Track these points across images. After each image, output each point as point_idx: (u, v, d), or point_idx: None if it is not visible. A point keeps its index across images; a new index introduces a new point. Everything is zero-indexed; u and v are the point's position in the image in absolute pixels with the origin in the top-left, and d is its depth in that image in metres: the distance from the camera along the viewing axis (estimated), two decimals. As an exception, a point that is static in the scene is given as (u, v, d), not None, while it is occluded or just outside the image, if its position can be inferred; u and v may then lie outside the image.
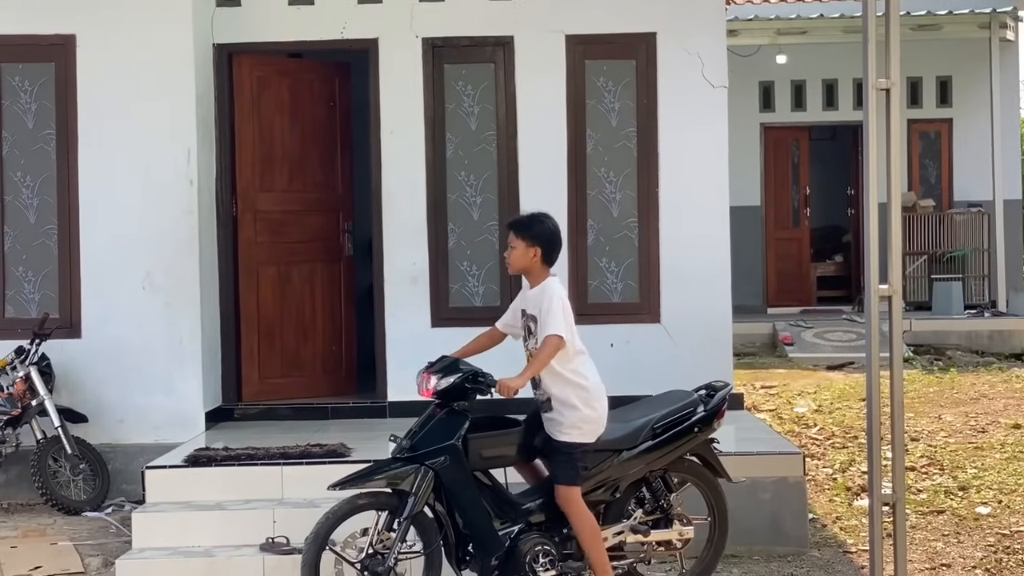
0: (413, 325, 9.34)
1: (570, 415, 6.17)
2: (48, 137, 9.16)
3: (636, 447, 6.38)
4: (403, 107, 9.36)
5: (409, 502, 6.02)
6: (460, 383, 6.15)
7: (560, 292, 6.26)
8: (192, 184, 9.01)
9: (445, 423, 6.17)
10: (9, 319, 9.17)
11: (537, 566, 6.19)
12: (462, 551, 6.25)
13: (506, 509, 6.28)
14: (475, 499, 6.17)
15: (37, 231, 9.17)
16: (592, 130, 9.39)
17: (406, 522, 6.03)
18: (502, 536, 6.21)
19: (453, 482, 6.10)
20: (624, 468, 6.38)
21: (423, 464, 6.07)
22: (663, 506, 6.56)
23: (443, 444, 6.10)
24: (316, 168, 9.88)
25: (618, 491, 6.44)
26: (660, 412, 6.52)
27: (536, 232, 6.32)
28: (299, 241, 9.79)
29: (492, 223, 9.43)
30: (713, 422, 6.64)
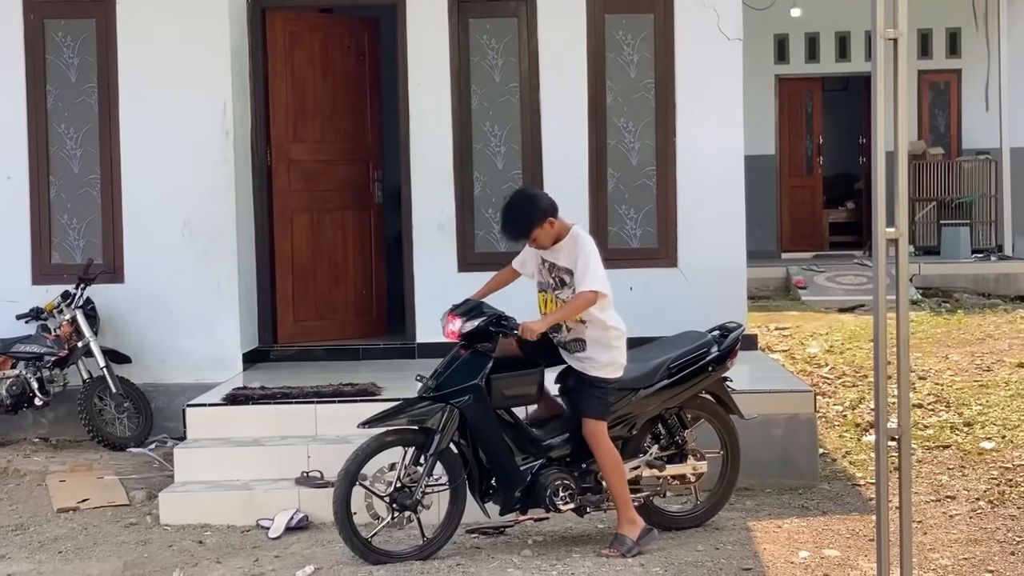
0: (440, 270, 9.57)
1: (604, 355, 6.41)
2: (90, 90, 9.42)
3: (652, 385, 6.63)
4: (430, 60, 9.56)
5: (435, 439, 6.25)
6: (485, 326, 6.35)
7: (592, 244, 6.46)
8: (228, 135, 9.28)
9: (469, 364, 6.38)
10: (55, 265, 9.43)
11: (557, 499, 6.42)
12: (485, 485, 6.47)
13: (527, 445, 6.49)
14: (498, 436, 6.39)
15: (81, 181, 9.45)
16: (612, 82, 9.62)
17: (432, 458, 6.27)
18: (523, 471, 6.42)
19: (477, 420, 6.33)
20: (641, 405, 6.63)
21: (448, 403, 6.29)
22: (678, 442, 6.82)
23: (467, 384, 6.31)
24: (347, 119, 10.13)
25: (635, 428, 6.68)
26: (675, 352, 6.76)
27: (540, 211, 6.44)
28: (331, 189, 10.04)
29: (516, 172, 9.65)
30: (726, 361, 6.89)
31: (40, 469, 8.47)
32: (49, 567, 6.51)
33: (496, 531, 6.79)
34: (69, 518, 7.47)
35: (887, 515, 4.77)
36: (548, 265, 6.53)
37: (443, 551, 6.47)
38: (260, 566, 6.39)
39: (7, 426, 9.31)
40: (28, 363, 8.98)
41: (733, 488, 7.11)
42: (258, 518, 7.15)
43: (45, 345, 8.99)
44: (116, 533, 7.14)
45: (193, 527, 7.18)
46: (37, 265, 9.46)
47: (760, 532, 6.86)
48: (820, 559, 6.37)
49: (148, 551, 6.78)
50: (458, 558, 6.40)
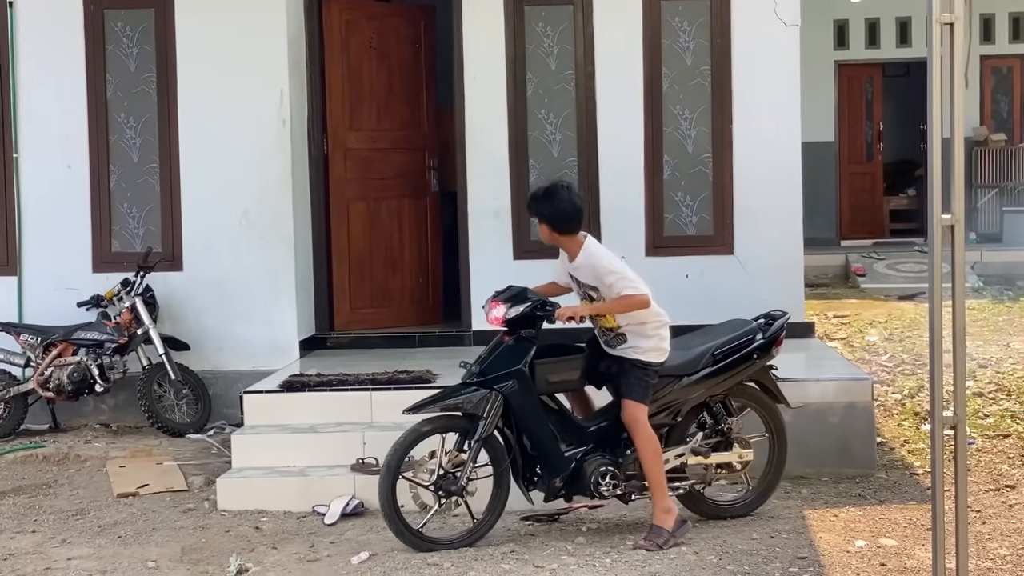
0: (495, 258, 9.59)
1: (645, 342, 6.38)
2: (149, 80, 9.52)
3: (696, 373, 6.58)
4: (485, 48, 9.57)
5: (480, 425, 6.23)
6: (530, 311, 6.33)
7: (609, 255, 6.40)
8: (285, 124, 9.35)
9: (513, 350, 6.36)
10: (115, 253, 9.55)
11: (601, 486, 6.39)
12: (529, 472, 6.45)
13: (571, 432, 6.46)
14: (542, 421, 6.37)
15: (140, 169, 9.56)
16: (668, 69, 9.59)
17: (477, 444, 6.25)
18: (568, 457, 6.39)
19: (521, 405, 6.31)
20: (685, 393, 6.57)
21: (492, 389, 6.27)
22: (723, 430, 6.74)
23: (511, 369, 6.29)
24: (403, 107, 10.18)
25: (679, 415, 6.63)
26: (720, 339, 6.70)
27: (538, 209, 6.42)
28: (387, 177, 10.10)
29: (571, 159, 9.66)
30: (771, 349, 6.81)
31: (100, 455, 8.59)
32: (109, 551, 6.60)
33: (550, 518, 6.80)
34: (129, 503, 7.56)
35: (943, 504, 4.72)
36: (574, 279, 6.50)
37: (497, 538, 6.50)
38: (316, 552, 6.44)
39: (69, 412, 9.45)
40: (89, 350, 9.10)
41: (780, 477, 7.05)
42: (314, 504, 7.21)
43: (105, 332, 9.10)
44: (174, 518, 7.22)
45: (250, 513, 7.24)
46: (97, 253, 9.58)
47: (816, 521, 6.82)
48: (877, 548, 6.32)
49: (206, 536, 6.85)
50: (512, 544, 6.41)
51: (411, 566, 6.10)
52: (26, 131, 9.56)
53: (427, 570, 6.05)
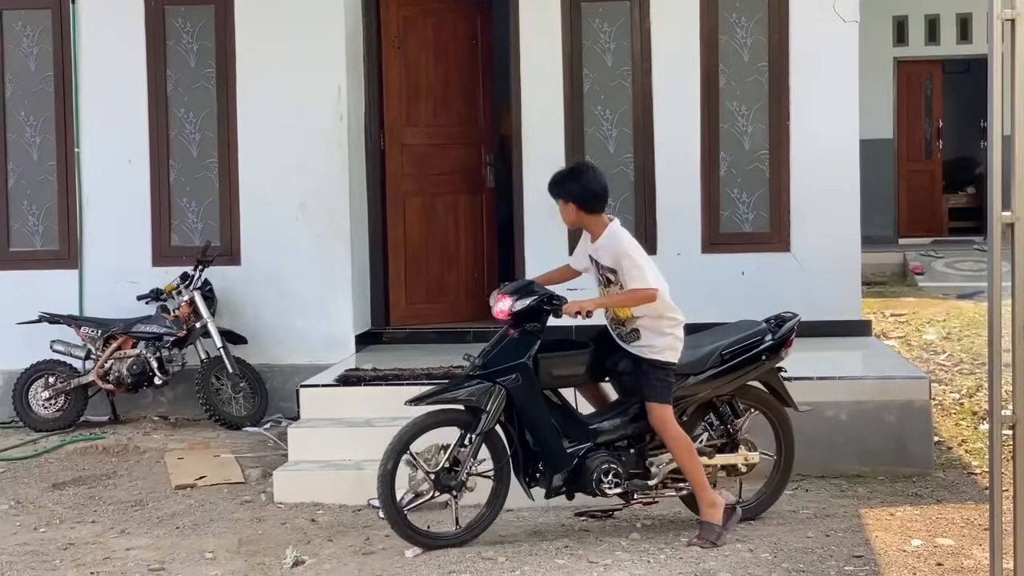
0: (551, 254, 9.43)
1: (660, 340, 6.28)
2: (208, 75, 9.61)
3: (703, 372, 6.45)
4: (542, 44, 9.58)
5: (482, 419, 6.16)
6: (537, 305, 6.25)
7: (630, 240, 6.31)
8: (342, 119, 9.41)
9: (517, 343, 6.28)
10: (175, 247, 9.64)
11: (604, 484, 6.30)
12: (532, 468, 6.37)
13: (575, 428, 6.36)
14: (544, 417, 6.28)
15: (199, 164, 9.65)
16: (725, 65, 9.56)
17: (478, 438, 6.19)
18: (570, 454, 6.30)
19: (523, 400, 6.22)
20: (691, 392, 6.46)
21: (495, 382, 6.20)
22: (729, 431, 6.62)
23: (514, 363, 6.21)
24: (459, 103, 10.21)
25: (685, 415, 6.49)
26: (728, 339, 6.59)
27: (565, 189, 6.35)
28: (443, 173, 10.14)
29: (627, 156, 9.65)
30: (781, 351, 6.68)
31: (159, 446, 8.69)
32: (167, 542, 6.68)
33: (604, 514, 6.79)
34: (186, 495, 7.64)
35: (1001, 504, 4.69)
36: (594, 262, 6.41)
37: (551, 533, 6.52)
38: (371, 545, 6.48)
39: (128, 404, 9.57)
40: (148, 343, 9.21)
41: (788, 480, 6.90)
42: (369, 498, 7.20)
43: (164, 325, 9.20)
44: (231, 510, 7.29)
45: (306, 505, 7.29)
46: (157, 247, 9.68)
47: (872, 520, 6.79)
48: (933, 547, 6.28)
49: (262, 528, 6.91)
50: (566, 540, 6.43)
51: (465, 560, 6.13)
52: (88, 126, 9.68)
53: (481, 564, 6.07)
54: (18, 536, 6.81)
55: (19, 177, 9.79)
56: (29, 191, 9.79)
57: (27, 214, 9.79)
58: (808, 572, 5.90)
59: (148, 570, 6.12)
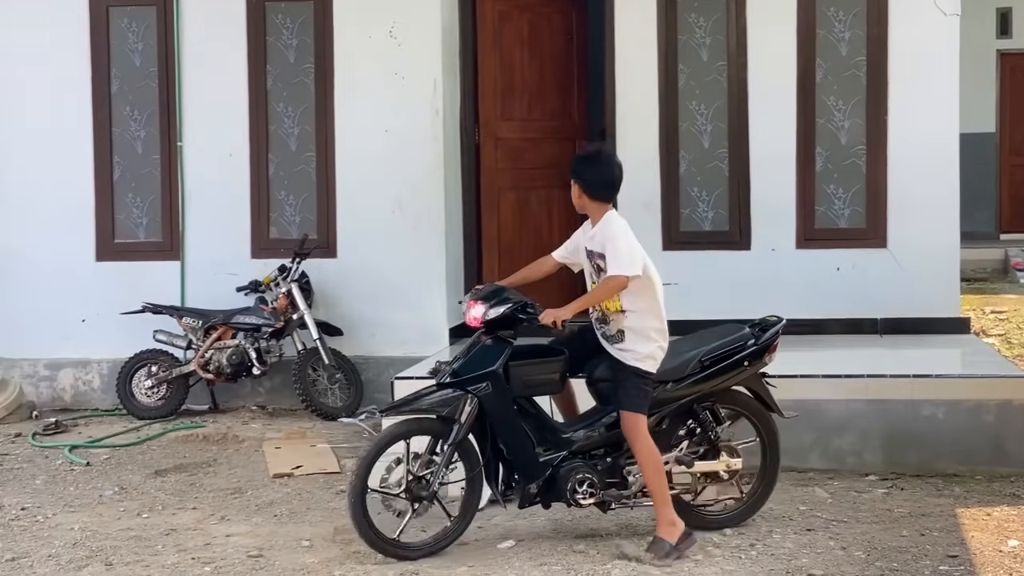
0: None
1: (644, 347, 6.09)
2: (307, 71, 9.74)
3: (684, 379, 6.27)
4: (637, 39, 9.58)
5: (455, 429, 6.02)
6: (512, 313, 6.13)
7: (621, 226, 6.17)
8: (438, 113, 9.49)
9: (488, 350, 6.14)
10: (273, 240, 9.80)
11: (578, 493, 6.15)
12: (506, 477, 6.23)
13: (549, 436, 6.21)
14: (516, 425, 6.13)
15: (298, 158, 9.79)
16: (822, 59, 9.49)
17: (450, 448, 6.03)
18: (544, 463, 6.15)
19: (495, 408, 6.07)
20: (670, 398, 6.28)
21: (466, 391, 6.05)
22: (711, 438, 6.42)
23: (486, 371, 6.05)
24: (554, 98, 10.25)
25: (664, 421, 6.35)
26: (709, 345, 6.38)
27: (577, 171, 6.31)
28: (537, 167, 10.18)
29: (722, 151, 9.62)
30: (764, 356, 6.47)
31: (257, 436, 8.85)
32: (265, 529, 6.80)
33: (696, 509, 6.80)
34: (284, 483, 7.76)
35: (1100, 506, 4.64)
36: (587, 252, 6.29)
37: (643, 527, 6.51)
38: (463, 536, 6.53)
39: (227, 394, 9.76)
40: (247, 334, 9.37)
41: (772, 487, 6.66)
42: (462, 489, 7.29)
43: (263, 317, 9.35)
44: (327, 499, 7.39)
45: (400, 495, 7.36)
46: (256, 239, 9.84)
47: (968, 519, 6.70)
48: (1030, 549, 6.20)
49: (357, 517, 6.99)
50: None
51: (557, 552, 6.17)
52: (190, 120, 9.86)
53: (572, 557, 6.10)
54: (122, 521, 6.98)
55: (124, 170, 10.00)
56: (133, 184, 10.00)
57: (131, 206, 10.01)
58: (902, 571, 5.86)
59: (247, 556, 6.23)
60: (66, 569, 6.15)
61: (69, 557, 6.32)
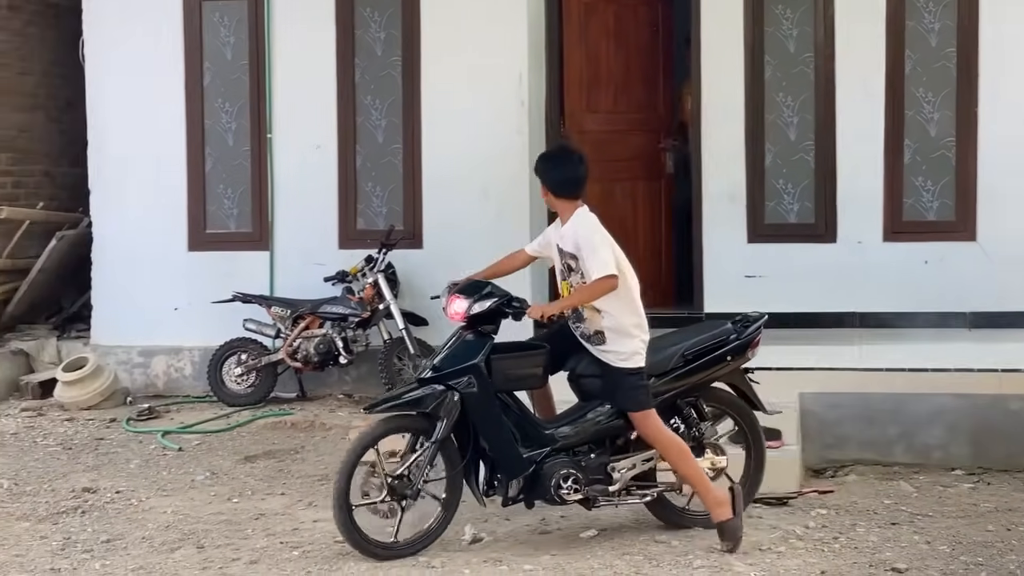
0: (729, 241, 9.58)
1: (626, 345, 6.05)
2: (394, 63, 9.84)
3: (666, 375, 6.21)
4: (723, 31, 9.54)
5: (438, 426, 5.96)
6: (496, 307, 6.09)
7: (593, 224, 6.13)
8: (523, 105, 9.53)
9: (469, 345, 6.09)
10: (360, 230, 9.90)
11: (562, 490, 6.07)
12: (488, 475, 6.15)
13: (531, 433, 6.14)
14: (499, 420, 6.06)
15: (385, 150, 9.90)
16: (911, 51, 9.38)
17: (433, 445, 5.96)
18: (527, 459, 6.07)
19: (477, 403, 6.01)
20: (655, 393, 6.17)
21: (448, 386, 5.99)
22: (695, 435, 6.34)
23: (467, 365, 6.00)
24: (639, 90, 10.26)
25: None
26: (691, 340, 6.36)
27: (539, 171, 6.29)
28: (622, 160, 10.19)
29: (808, 143, 9.54)
30: (747, 352, 6.42)
31: (343, 423, 8.96)
32: (352, 514, 6.90)
33: (779, 502, 6.80)
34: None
35: None
36: (558, 249, 6.22)
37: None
38: (546, 525, 6.59)
39: (315, 382, 9.90)
40: (334, 323, 9.49)
41: (758, 485, 6.58)
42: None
43: (349, 307, 9.46)
44: (412, 486, 7.47)
45: (485, 484, 7.42)
46: (344, 230, 9.96)
47: (1058, 514, 6.65)
48: (1120, 546, 6.13)
49: (442, 504, 7.06)
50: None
51: (639, 542, 6.21)
52: (280, 113, 10.00)
53: (654, 547, 6.14)
54: (213, 505, 7.13)
55: (215, 162, 10.18)
56: (224, 175, 10.18)
57: (222, 197, 10.19)
58: (987, 566, 5.82)
59: (333, 541, 6.33)
60: (159, 551, 6.30)
61: (162, 539, 6.48)
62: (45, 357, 10.54)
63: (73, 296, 11.28)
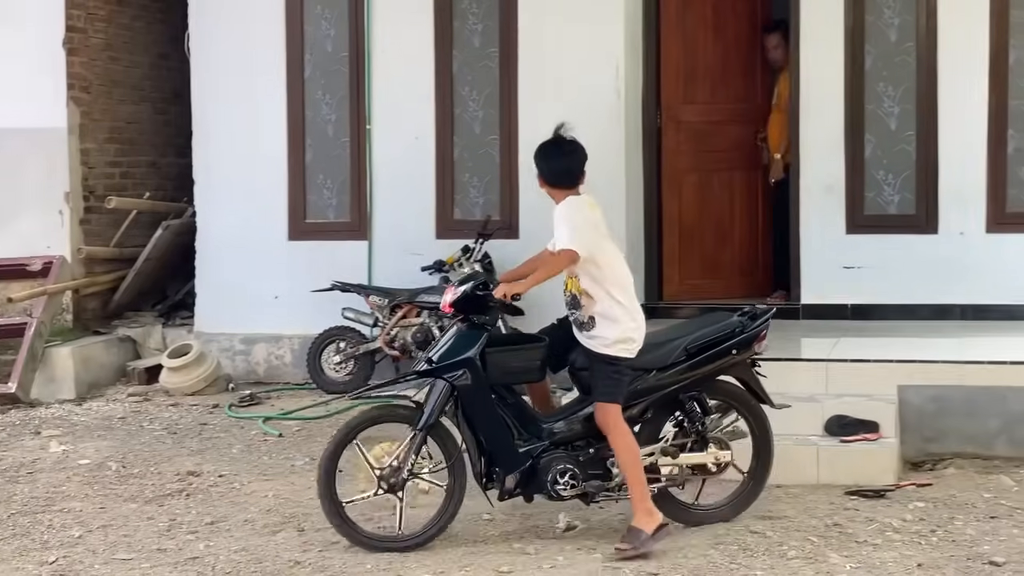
0: (827, 232, 9.50)
1: (612, 331, 5.99)
2: (492, 55, 9.89)
3: (668, 368, 6.14)
4: (821, 20, 9.45)
5: (422, 415, 5.98)
6: (471, 292, 6.09)
7: (568, 204, 6.13)
8: (619, 97, 9.54)
9: (464, 337, 6.08)
10: (457, 220, 9.98)
11: (558, 485, 6.05)
12: (487, 468, 6.13)
13: (530, 426, 6.13)
14: (493, 414, 6.05)
15: (481, 141, 9.96)
16: (1016, 40, 9.21)
17: (420, 434, 5.98)
18: (523, 453, 6.06)
19: (471, 397, 6.01)
20: (653, 387, 6.14)
21: (440, 377, 6.00)
22: (698, 429, 6.26)
23: (460, 358, 5.99)
24: (736, 81, 10.21)
25: (648, 411, 6.21)
26: (695, 333, 6.27)
27: (535, 160, 6.34)
28: (719, 150, 10.18)
29: (909, 133, 9.43)
30: (753, 345, 6.31)
31: (441, 411, 9.04)
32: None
33: (876, 494, 6.76)
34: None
35: None
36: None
37: (820, 510, 6.52)
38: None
39: (412, 370, 9.99)
40: (431, 312, 9.56)
41: (764, 482, 6.47)
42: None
43: (446, 296, 9.54)
44: (507, 474, 7.53)
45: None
46: (441, 220, 10.04)
47: None
48: None
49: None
50: (836, 518, 6.42)
51: (734, 532, 6.22)
52: (379, 104, 10.10)
53: (749, 538, 6.14)
54: (312, 490, 7.17)
55: (315, 152, 10.32)
56: (324, 166, 10.32)
57: (322, 188, 10.33)
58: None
59: (434, 528, 6.44)
60: (260, 533, 6.45)
61: (264, 522, 6.63)
62: (151, 344, 10.80)
63: (178, 284, 11.51)
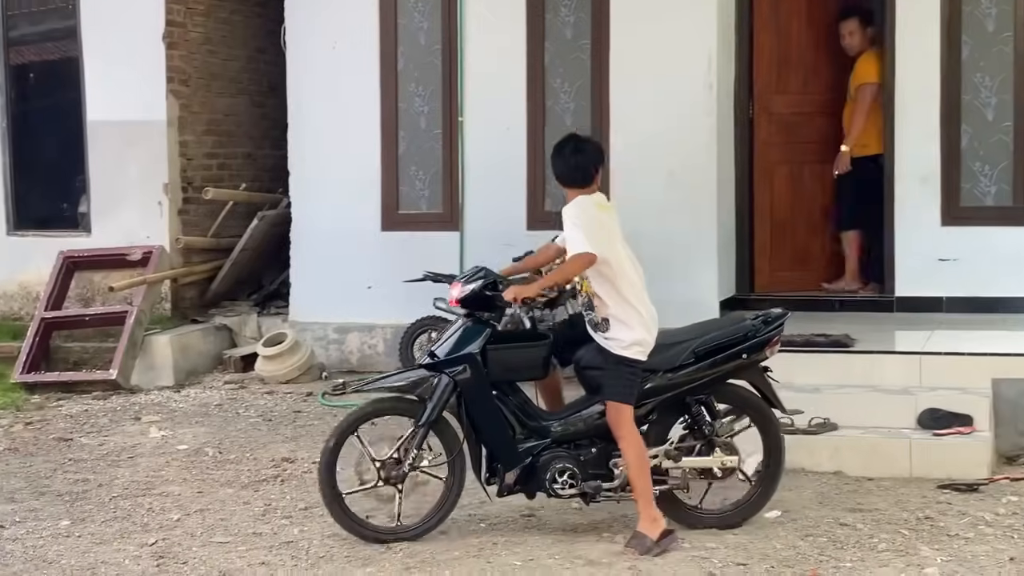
0: (922, 224, 9.42)
1: (628, 334, 5.96)
2: (583, 47, 9.93)
3: (676, 369, 6.06)
4: (919, 10, 9.37)
5: (426, 408, 6.01)
6: (480, 290, 6.10)
7: (579, 205, 6.07)
8: (711, 88, 9.52)
9: (467, 332, 6.11)
10: (547, 212, 9.96)
11: (557, 484, 6.04)
12: (489, 464, 6.13)
13: (531, 424, 6.11)
14: (494, 411, 6.05)
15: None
16: None
17: (422, 429, 6.02)
18: (523, 451, 6.05)
19: (472, 392, 6.02)
20: (659, 389, 6.07)
21: (442, 372, 6.03)
22: (705, 432, 6.16)
23: (462, 354, 6.02)
24: (829, 71, 10.13)
25: (653, 413, 6.13)
26: (705, 336, 6.18)
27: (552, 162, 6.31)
28: (811, 141, 10.13)
29: (1006, 124, 9.32)
30: (764, 349, 6.19)
31: (530, 401, 9.10)
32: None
33: (968, 488, 6.71)
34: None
35: None
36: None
37: (912, 503, 6.48)
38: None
39: (501, 360, 10.05)
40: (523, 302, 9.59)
41: (774, 488, 6.33)
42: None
43: (537, 287, 9.58)
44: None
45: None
46: (531, 211, 10.09)
47: None
48: None
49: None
50: (928, 511, 6.39)
51: (823, 524, 6.22)
52: (471, 96, 10.18)
53: (839, 530, 6.14)
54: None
55: (408, 144, 10.43)
56: (417, 157, 10.42)
57: (414, 179, 10.44)
58: None
59: (520, 516, 6.50)
60: (353, 519, 6.55)
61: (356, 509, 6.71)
62: (246, 332, 11.00)
63: (273, 274, 11.70)
